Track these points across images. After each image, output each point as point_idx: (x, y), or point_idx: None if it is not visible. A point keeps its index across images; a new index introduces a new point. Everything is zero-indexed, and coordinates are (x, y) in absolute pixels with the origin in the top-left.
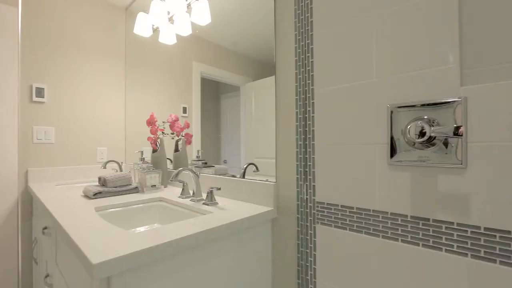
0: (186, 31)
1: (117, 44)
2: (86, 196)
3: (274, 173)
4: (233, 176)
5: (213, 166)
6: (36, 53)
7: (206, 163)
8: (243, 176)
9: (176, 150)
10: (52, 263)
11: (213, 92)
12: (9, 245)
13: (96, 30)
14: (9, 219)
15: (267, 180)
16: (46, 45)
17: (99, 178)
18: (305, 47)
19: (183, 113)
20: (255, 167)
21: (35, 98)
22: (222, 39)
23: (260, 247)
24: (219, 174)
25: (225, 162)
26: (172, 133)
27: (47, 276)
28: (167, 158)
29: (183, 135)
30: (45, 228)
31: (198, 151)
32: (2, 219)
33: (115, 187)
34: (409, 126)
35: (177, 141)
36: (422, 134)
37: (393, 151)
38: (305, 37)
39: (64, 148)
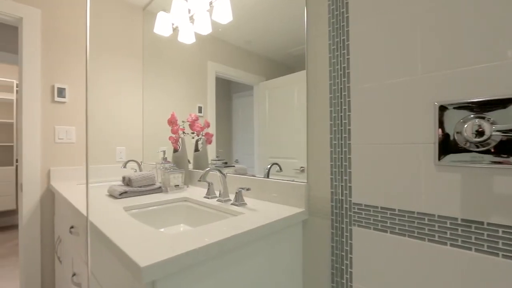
0: (206, 30)
1: (135, 44)
2: (111, 196)
3: (293, 173)
4: (253, 175)
5: (233, 166)
6: (57, 54)
7: (226, 162)
8: (267, 176)
9: (196, 149)
10: (81, 263)
11: (225, 92)
12: (32, 243)
13: (114, 30)
14: (32, 218)
15: (293, 180)
16: (66, 46)
17: (123, 178)
18: (340, 43)
19: (199, 112)
20: (278, 167)
21: (57, 98)
22: (237, 38)
23: (291, 249)
24: (240, 174)
25: (236, 161)
26: (193, 133)
27: (74, 275)
28: None
29: (203, 134)
30: (72, 227)
31: (218, 150)
32: (26, 217)
33: (140, 186)
34: (465, 125)
35: (197, 141)
36: (479, 133)
37: (441, 151)
38: (340, 33)
39: (85, 148)
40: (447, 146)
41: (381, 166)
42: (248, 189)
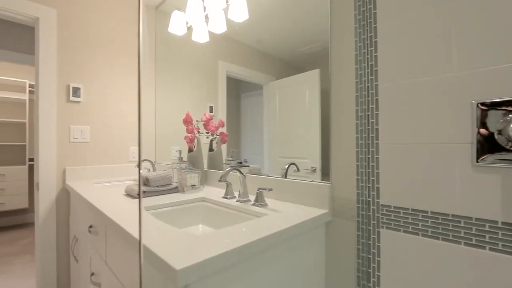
0: (221, 29)
1: (147, 43)
2: (129, 195)
3: (304, 173)
4: (266, 175)
5: (248, 166)
6: (72, 53)
7: (241, 162)
8: (285, 176)
9: (211, 149)
10: (100, 262)
11: (234, 91)
12: (48, 242)
13: (127, 29)
14: (48, 217)
15: (312, 181)
16: (81, 45)
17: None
18: (367, 40)
19: (210, 112)
20: (295, 167)
21: (72, 98)
22: (248, 37)
23: (314, 250)
24: (254, 174)
25: (245, 161)
26: (207, 132)
27: (92, 274)
28: None
29: (218, 134)
30: (91, 226)
31: (231, 150)
32: (42, 216)
33: (157, 186)
34: (511, 125)
35: (211, 140)
36: None
37: (480, 152)
38: (367, 30)
39: (98, 147)
40: (487, 146)
41: (411, 167)
42: (270, 190)
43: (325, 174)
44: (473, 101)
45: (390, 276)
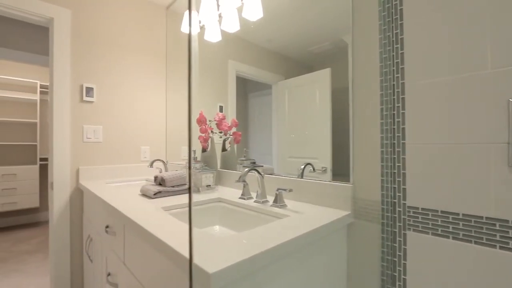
0: (234, 28)
1: (158, 43)
2: (145, 195)
3: (314, 173)
4: (279, 175)
5: (262, 166)
6: (84, 53)
7: (254, 162)
8: (301, 176)
9: (224, 149)
10: (118, 263)
11: (241, 91)
12: (62, 241)
13: (138, 29)
14: (62, 217)
15: (333, 182)
16: (93, 45)
17: (155, 177)
18: (392, 37)
19: (219, 111)
20: (311, 167)
21: (85, 98)
22: (258, 36)
23: (336, 252)
24: (268, 174)
25: (253, 162)
26: (220, 132)
27: (109, 274)
28: None
29: (231, 133)
30: (107, 226)
31: (245, 150)
32: (56, 216)
33: (173, 186)
34: None
35: (224, 140)
36: None
37: None
38: (392, 26)
39: (111, 147)
40: None
41: (441, 168)
42: (290, 190)
43: (336, 174)
44: (510, 99)
45: (417, 279)
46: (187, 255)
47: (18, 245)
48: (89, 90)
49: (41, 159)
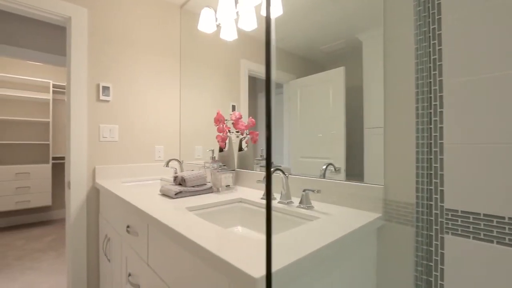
0: (251, 26)
1: (172, 42)
2: (165, 195)
3: (329, 174)
4: (297, 175)
5: (280, 166)
6: (101, 52)
7: (272, 162)
8: (323, 177)
9: (240, 149)
10: (140, 263)
11: (251, 90)
12: (79, 240)
13: (151, 28)
14: (79, 216)
15: (362, 183)
16: (109, 44)
17: (175, 177)
18: (429, 33)
19: (232, 111)
20: (333, 167)
21: (101, 97)
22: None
23: (365, 256)
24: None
25: None
26: (237, 132)
27: (129, 275)
28: None
29: (248, 133)
30: (128, 226)
31: (262, 150)
32: (73, 215)
33: (193, 186)
34: None
35: (241, 140)
36: None
37: None
38: (429, 22)
39: (126, 146)
40: None
41: (483, 169)
42: (318, 191)
43: (350, 174)
44: None
45: (455, 285)
46: (233, 262)
47: (32, 243)
48: (105, 89)
49: (54, 158)
